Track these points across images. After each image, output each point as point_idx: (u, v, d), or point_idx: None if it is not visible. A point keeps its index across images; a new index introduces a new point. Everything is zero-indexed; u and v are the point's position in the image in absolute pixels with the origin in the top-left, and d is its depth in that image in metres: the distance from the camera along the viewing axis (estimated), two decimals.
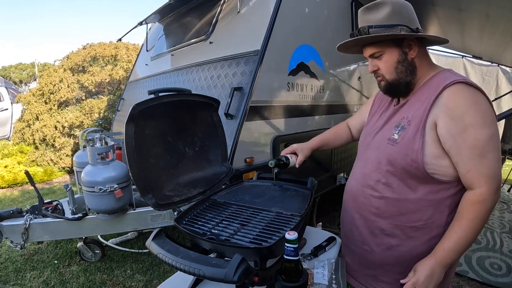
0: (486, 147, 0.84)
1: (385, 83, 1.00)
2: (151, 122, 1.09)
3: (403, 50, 0.94)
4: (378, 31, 0.91)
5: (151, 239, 0.85)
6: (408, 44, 0.93)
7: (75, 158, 2.49)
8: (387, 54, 0.95)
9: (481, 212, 0.85)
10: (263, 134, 2.17)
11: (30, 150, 5.88)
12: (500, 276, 2.19)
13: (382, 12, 0.91)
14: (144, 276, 2.24)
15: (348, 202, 1.16)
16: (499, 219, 3.24)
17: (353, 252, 1.15)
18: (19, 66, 22.70)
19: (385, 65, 0.96)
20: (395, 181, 0.97)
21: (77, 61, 6.76)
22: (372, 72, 1.02)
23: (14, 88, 10.86)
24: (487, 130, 0.84)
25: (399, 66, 0.95)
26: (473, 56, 6.24)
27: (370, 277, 1.10)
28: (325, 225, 3.09)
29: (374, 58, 0.99)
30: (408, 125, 0.93)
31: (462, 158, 0.86)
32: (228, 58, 2.27)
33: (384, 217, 1.01)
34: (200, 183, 1.23)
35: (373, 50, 0.97)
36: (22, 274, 2.30)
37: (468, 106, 0.85)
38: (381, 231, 1.02)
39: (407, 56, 0.94)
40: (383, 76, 0.99)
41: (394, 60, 0.95)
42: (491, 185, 0.85)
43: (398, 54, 0.94)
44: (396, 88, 0.99)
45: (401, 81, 0.96)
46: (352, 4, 2.99)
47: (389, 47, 0.94)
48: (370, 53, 0.99)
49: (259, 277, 0.75)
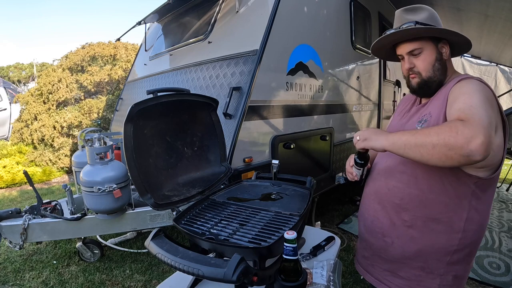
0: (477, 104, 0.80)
1: (418, 81, 1.02)
2: (150, 122, 1.09)
3: (439, 50, 0.99)
4: (433, 28, 0.96)
5: (150, 239, 0.85)
6: (442, 45, 0.99)
7: (73, 158, 2.49)
8: (426, 51, 0.99)
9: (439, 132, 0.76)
10: (262, 134, 2.17)
11: (28, 150, 5.87)
12: (498, 275, 2.20)
13: (422, 14, 0.98)
14: (143, 276, 2.24)
15: (370, 195, 1.16)
16: (497, 218, 3.25)
17: (372, 245, 1.15)
18: (17, 66, 22.63)
19: (423, 62, 1.00)
20: (420, 173, 0.98)
21: (76, 60, 6.74)
22: (408, 69, 1.03)
23: (13, 88, 10.81)
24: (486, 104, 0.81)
25: (436, 64, 0.99)
26: (472, 56, 6.25)
27: (387, 272, 1.10)
28: (324, 225, 3.09)
29: (411, 56, 1.02)
30: (430, 117, 0.97)
31: (450, 112, 0.86)
32: (226, 58, 2.27)
33: (407, 208, 1.01)
34: (199, 183, 1.23)
35: (413, 46, 1.00)
36: (21, 274, 2.29)
37: (471, 88, 0.88)
38: (403, 222, 1.03)
39: (442, 56, 1.00)
40: (419, 74, 1.02)
41: (433, 58, 0.99)
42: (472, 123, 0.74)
43: (436, 53, 0.99)
44: (429, 86, 1.02)
45: (436, 79, 1.00)
46: (351, 4, 2.99)
47: (428, 45, 0.99)
48: (409, 49, 1.01)
49: (258, 276, 0.75)
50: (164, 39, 3.49)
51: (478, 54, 5.91)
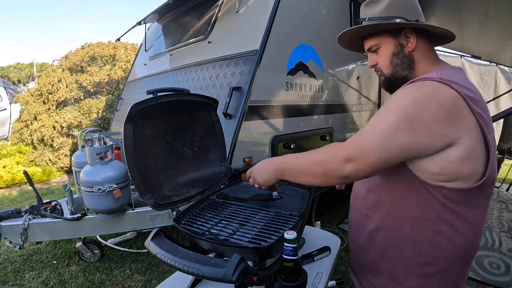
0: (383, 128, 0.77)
1: (383, 78, 0.98)
2: (150, 122, 1.08)
3: (399, 42, 0.91)
4: (372, 23, 0.90)
5: (150, 239, 0.85)
6: (406, 36, 0.90)
7: (73, 158, 2.49)
8: (383, 47, 0.93)
9: (318, 160, 0.83)
10: (262, 134, 2.17)
11: (28, 150, 5.87)
12: (498, 275, 2.20)
13: (380, 5, 0.90)
14: (143, 276, 2.24)
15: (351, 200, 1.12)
16: (497, 219, 3.25)
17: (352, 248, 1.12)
18: (17, 66, 22.61)
19: (381, 58, 0.95)
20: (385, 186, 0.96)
21: (75, 61, 6.75)
22: (371, 67, 0.99)
23: (13, 88, 10.81)
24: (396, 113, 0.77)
25: (394, 58, 0.92)
26: (472, 56, 6.25)
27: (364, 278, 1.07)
28: (324, 225, 3.09)
29: (372, 52, 0.97)
30: None
31: None
32: (226, 58, 2.27)
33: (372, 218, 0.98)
34: (199, 183, 1.23)
35: (370, 43, 0.96)
36: (21, 274, 2.29)
37: (397, 102, 0.81)
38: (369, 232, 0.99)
39: (404, 48, 0.91)
40: (381, 71, 0.97)
41: (390, 53, 0.92)
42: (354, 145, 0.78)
43: (394, 46, 0.91)
44: (393, 84, 0.95)
45: (397, 75, 0.93)
46: (351, 3, 2.99)
47: (385, 39, 0.92)
48: (368, 47, 0.97)
49: (258, 276, 0.75)
50: (164, 39, 3.49)
51: (478, 54, 5.90)
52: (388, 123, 0.76)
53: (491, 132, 0.80)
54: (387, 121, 0.77)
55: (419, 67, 0.91)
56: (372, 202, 0.95)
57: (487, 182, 0.81)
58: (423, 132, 0.74)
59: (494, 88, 6.38)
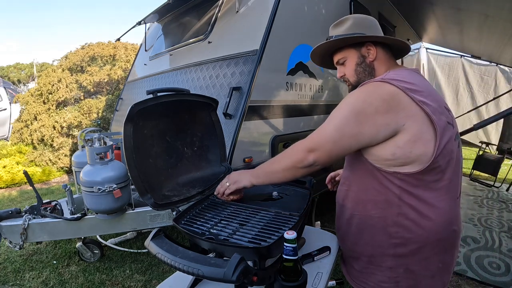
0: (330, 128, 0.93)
1: (351, 87, 1.11)
2: (150, 122, 1.09)
3: (362, 53, 1.06)
4: (338, 38, 1.06)
5: (150, 239, 0.85)
6: (367, 48, 1.05)
7: (73, 158, 2.48)
8: (348, 59, 1.08)
9: (285, 156, 1.00)
10: (262, 134, 2.17)
11: (28, 150, 5.87)
12: (498, 275, 2.20)
13: (345, 25, 1.06)
14: (143, 276, 2.24)
15: None
16: (498, 218, 3.25)
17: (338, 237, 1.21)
18: (17, 66, 22.61)
19: (348, 69, 1.09)
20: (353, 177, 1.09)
21: (75, 61, 6.74)
22: (340, 77, 1.14)
23: (13, 88, 10.82)
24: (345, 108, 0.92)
25: (358, 68, 1.07)
26: (472, 56, 6.26)
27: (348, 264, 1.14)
28: (324, 225, 3.09)
29: (340, 65, 1.12)
30: None
31: None
32: (226, 58, 2.27)
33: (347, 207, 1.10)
34: (199, 183, 1.23)
35: (338, 57, 1.11)
36: (21, 274, 2.29)
37: (343, 107, 0.93)
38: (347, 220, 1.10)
39: (366, 59, 1.06)
40: (348, 80, 1.11)
41: (354, 63, 1.07)
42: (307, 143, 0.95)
43: (357, 57, 1.07)
44: None
45: (361, 82, 1.03)
46: (351, 3, 2.99)
47: (350, 52, 1.07)
48: (336, 60, 1.12)
49: (258, 276, 0.75)
50: (164, 39, 3.48)
51: (478, 54, 5.91)
52: (338, 118, 0.92)
53: (441, 116, 0.89)
54: (338, 116, 0.93)
55: (378, 74, 1.05)
56: (345, 192, 1.09)
57: (440, 163, 0.89)
58: (367, 122, 0.88)
59: (494, 88, 6.38)
